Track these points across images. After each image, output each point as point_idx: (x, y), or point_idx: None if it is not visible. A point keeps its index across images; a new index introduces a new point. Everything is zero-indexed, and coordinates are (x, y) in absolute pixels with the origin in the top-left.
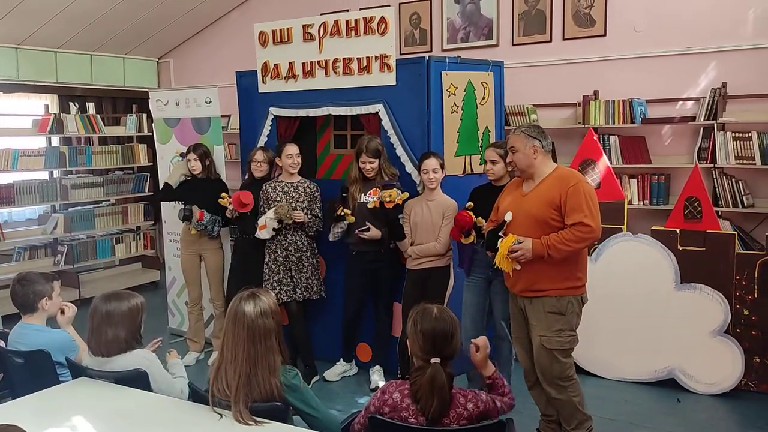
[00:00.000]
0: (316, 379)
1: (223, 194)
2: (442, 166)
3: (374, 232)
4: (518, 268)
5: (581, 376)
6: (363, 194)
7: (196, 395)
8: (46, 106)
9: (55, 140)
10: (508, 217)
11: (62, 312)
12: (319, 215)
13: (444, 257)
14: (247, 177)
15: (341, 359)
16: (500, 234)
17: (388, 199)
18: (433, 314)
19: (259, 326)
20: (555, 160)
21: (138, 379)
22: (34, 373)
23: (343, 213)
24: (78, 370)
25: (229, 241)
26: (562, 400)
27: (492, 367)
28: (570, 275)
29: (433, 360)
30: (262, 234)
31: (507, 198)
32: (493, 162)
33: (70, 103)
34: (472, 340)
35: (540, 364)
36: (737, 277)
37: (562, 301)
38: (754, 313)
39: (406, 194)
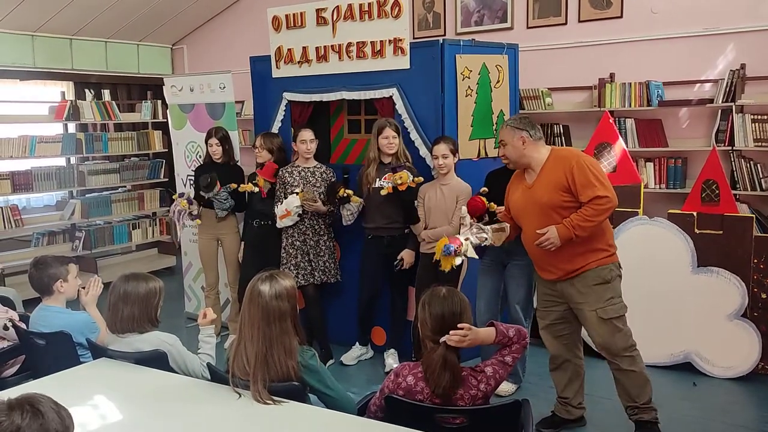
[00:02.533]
0: (331, 362)
1: (250, 184)
2: (454, 151)
3: (408, 259)
4: (458, 262)
5: (597, 360)
6: (378, 179)
7: (215, 375)
8: (62, 93)
9: (72, 127)
10: (463, 211)
11: (87, 292)
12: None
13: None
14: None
15: (357, 343)
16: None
17: (399, 182)
18: (442, 295)
19: (274, 308)
20: (570, 143)
21: (158, 360)
22: (55, 354)
23: (345, 194)
24: (99, 351)
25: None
26: (634, 372)
27: (491, 332)
28: (602, 245)
29: (442, 339)
30: (285, 222)
31: (515, 193)
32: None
33: (86, 90)
34: (445, 338)
35: (602, 339)
36: (755, 261)
37: (605, 270)
38: None
39: (421, 178)
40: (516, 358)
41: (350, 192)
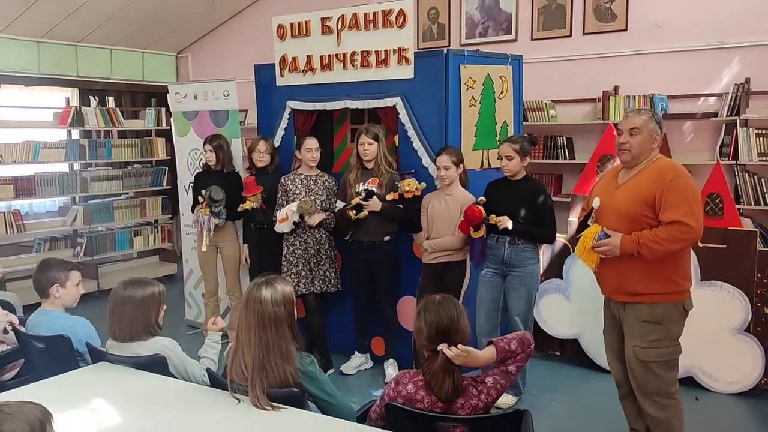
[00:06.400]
0: (331, 371)
1: (248, 202)
2: (457, 162)
3: (375, 203)
4: (593, 268)
5: (599, 373)
6: (361, 183)
7: (215, 381)
8: (67, 100)
9: (75, 133)
10: (596, 203)
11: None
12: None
13: (461, 251)
14: (248, 168)
15: (356, 351)
16: (588, 223)
17: (407, 189)
18: (437, 301)
19: (269, 313)
20: (573, 156)
21: (158, 365)
22: (54, 358)
23: (355, 218)
24: (98, 355)
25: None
26: (657, 419)
27: (492, 352)
28: (667, 278)
29: (440, 347)
30: (282, 227)
31: (602, 189)
32: (509, 158)
33: (90, 97)
34: (442, 347)
35: (634, 376)
36: (758, 275)
37: (657, 308)
38: None
39: (424, 184)
40: (520, 367)
41: (364, 214)
